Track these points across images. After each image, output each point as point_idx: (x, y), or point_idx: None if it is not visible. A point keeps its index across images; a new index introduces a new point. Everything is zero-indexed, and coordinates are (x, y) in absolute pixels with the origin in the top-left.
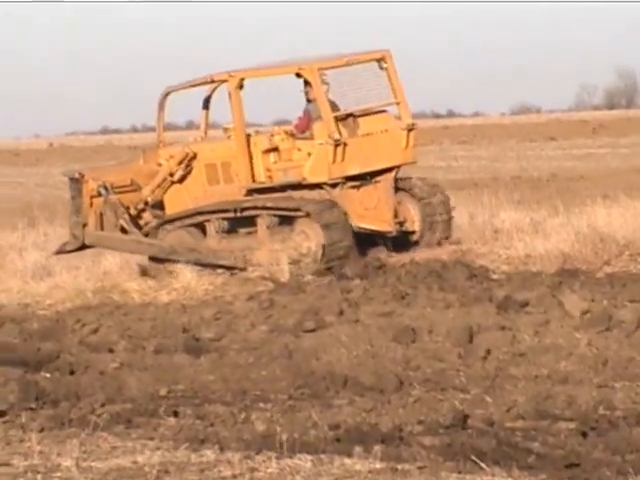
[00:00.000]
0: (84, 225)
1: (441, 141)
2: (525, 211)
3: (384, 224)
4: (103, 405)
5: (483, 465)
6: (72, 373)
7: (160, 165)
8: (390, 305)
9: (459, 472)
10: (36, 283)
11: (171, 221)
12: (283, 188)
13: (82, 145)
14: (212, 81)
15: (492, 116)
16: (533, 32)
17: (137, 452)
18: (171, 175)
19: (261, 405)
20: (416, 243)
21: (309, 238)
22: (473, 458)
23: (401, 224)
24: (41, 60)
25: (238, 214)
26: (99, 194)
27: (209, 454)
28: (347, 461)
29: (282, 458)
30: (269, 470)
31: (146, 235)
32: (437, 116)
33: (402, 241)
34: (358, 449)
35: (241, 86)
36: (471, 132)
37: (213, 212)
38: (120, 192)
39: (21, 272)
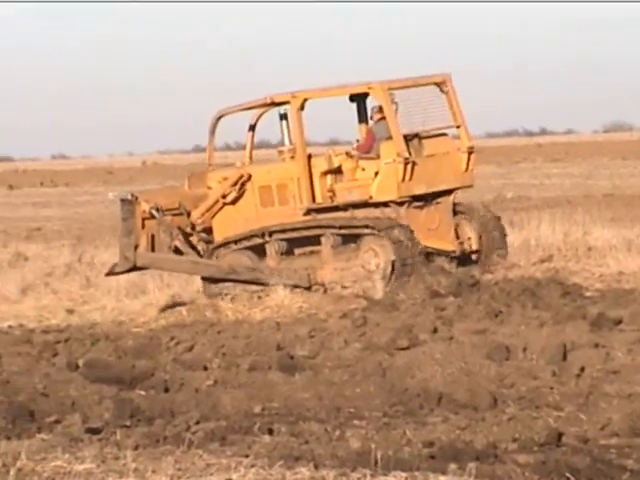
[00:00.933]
0: (136, 247)
1: (534, 159)
2: (618, 229)
3: (448, 244)
4: (198, 422)
5: None
6: (167, 391)
7: (210, 188)
8: (484, 323)
9: None
10: (130, 301)
11: (229, 243)
12: (345, 207)
13: (175, 163)
14: (272, 102)
15: (585, 134)
16: (624, 49)
17: (232, 469)
18: (224, 197)
19: (355, 422)
20: (476, 262)
21: (378, 255)
22: (567, 475)
23: (462, 244)
24: (136, 80)
25: (304, 233)
26: (151, 216)
27: (304, 471)
28: (441, 478)
29: (377, 475)
30: None
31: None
32: (529, 134)
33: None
34: (453, 466)
35: (302, 107)
36: (564, 150)
37: (282, 231)
38: (169, 215)
39: (115, 290)
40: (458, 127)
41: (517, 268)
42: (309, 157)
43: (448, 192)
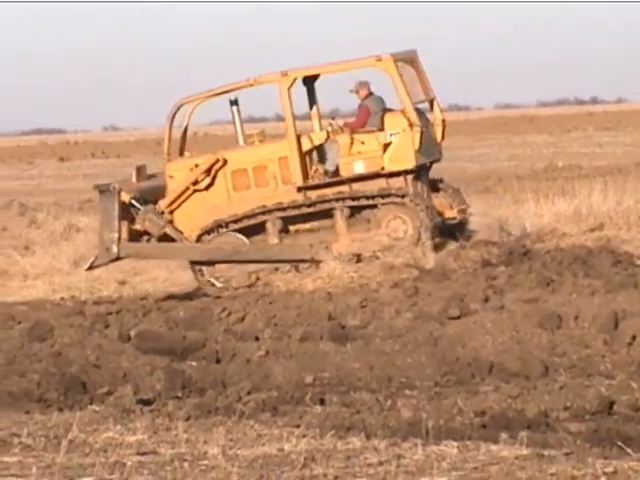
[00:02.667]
0: (118, 238)
1: (585, 127)
2: None
3: (449, 211)
4: (249, 393)
5: (629, 451)
6: (218, 361)
7: (172, 177)
8: (535, 291)
9: (605, 458)
10: (181, 272)
11: (218, 227)
12: (340, 182)
13: (225, 134)
14: (254, 83)
15: (636, 102)
16: None
17: (283, 440)
18: (194, 184)
19: (407, 392)
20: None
21: (406, 222)
22: (619, 444)
23: (460, 212)
24: (188, 48)
25: (313, 209)
26: (132, 206)
27: (355, 441)
28: (493, 447)
29: (428, 445)
30: (415, 457)
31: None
32: (580, 102)
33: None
34: (504, 435)
35: (292, 86)
36: (615, 118)
37: (284, 209)
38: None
39: (166, 261)
40: (431, 101)
41: (568, 237)
42: (299, 136)
43: (428, 165)
